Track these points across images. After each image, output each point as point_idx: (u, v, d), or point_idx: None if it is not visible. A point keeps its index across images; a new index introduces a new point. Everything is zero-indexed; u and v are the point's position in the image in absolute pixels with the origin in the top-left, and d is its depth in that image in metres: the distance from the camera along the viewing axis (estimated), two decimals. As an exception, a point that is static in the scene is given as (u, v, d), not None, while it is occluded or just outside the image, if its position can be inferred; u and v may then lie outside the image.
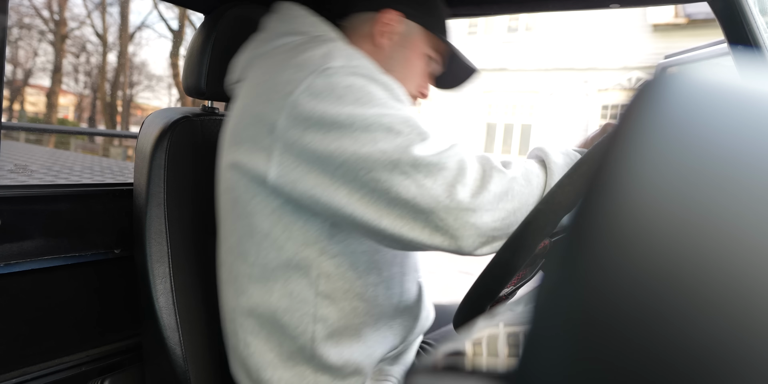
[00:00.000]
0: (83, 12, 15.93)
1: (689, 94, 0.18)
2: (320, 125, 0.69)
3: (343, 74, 0.71)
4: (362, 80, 0.72)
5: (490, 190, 0.67)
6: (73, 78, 15.52)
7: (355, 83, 0.71)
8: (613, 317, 0.16)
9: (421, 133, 0.69)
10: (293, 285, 0.80)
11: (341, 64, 0.73)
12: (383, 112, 0.69)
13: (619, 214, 0.16)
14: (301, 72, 0.73)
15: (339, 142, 0.68)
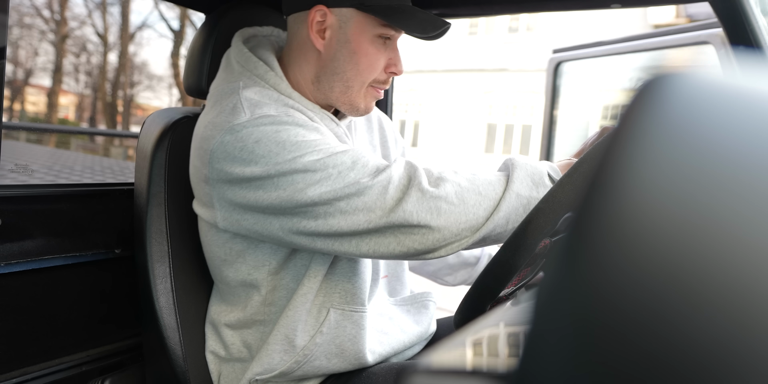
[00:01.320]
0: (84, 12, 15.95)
1: (689, 94, 0.18)
2: (239, 182, 0.77)
3: (249, 128, 0.76)
4: (269, 129, 0.76)
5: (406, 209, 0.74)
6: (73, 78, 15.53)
7: (262, 136, 0.76)
8: (613, 317, 0.16)
9: (337, 165, 0.75)
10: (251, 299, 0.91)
11: (246, 118, 0.78)
12: (295, 155, 0.75)
13: (620, 213, 0.16)
14: (214, 129, 0.80)
15: (261, 191, 0.76)
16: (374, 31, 0.85)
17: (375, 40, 0.86)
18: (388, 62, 0.89)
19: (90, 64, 15.60)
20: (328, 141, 0.78)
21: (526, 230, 0.63)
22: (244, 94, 0.83)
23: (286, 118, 0.78)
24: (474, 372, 0.26)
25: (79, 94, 15.84)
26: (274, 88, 0.87)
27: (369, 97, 0.91)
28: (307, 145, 0.76)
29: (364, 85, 0.89)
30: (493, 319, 0.36)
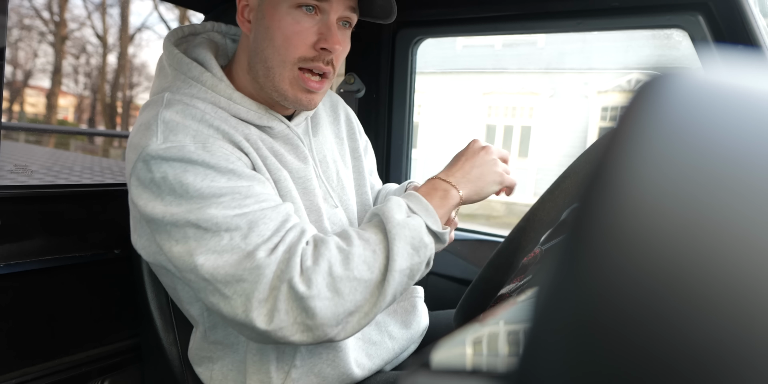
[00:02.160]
0: (83, 13, 15.94)
1: (688, 94, 0.18)
2: (144, 215, 0.74)
3: (157, 161, 0.71)
4: (176, 166, 0.70)
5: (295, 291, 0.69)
6: (73, 79, 15.52)
7: (168, 173, 0.70)
8: (612, 317, 0.16)
9: (231, 230, 0.69)
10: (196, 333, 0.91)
11: (157, 145, 0.71)
12: (193, 207, 0.69)
13: (619, 214, 0.16)
14: (132, 151, 0.75)
15: (159, 235, 0.73)
16: (288, 1, 0.77)
17: (292, 12, 0.77)
18: (318, 37, 0.78)
19: (89, 65, 15.60)
20: (237, 189, 0.71)
21: (507, 248, 0.63)
22: (162, 114, 0.75)
23: (198, 155, 0.71)
24: (473, 371, 0.26)
25: (78, 95, 15.83)
26: (212, 89, 0.81)
27: (296, 84, 0.80)
28: (209, 195, 0.70)
29: (285, 64, 0.79)
30: (492, 319, 0.36)
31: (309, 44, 0.78)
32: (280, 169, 0.82)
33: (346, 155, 1.01)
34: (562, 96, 11.41)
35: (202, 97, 0.80)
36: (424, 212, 0.77)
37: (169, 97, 0.78)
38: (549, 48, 11.42)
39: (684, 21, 1.01)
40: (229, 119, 0.80)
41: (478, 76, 12.12)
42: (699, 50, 1.00)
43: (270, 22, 0.78)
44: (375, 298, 0.71)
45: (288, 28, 0.77)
